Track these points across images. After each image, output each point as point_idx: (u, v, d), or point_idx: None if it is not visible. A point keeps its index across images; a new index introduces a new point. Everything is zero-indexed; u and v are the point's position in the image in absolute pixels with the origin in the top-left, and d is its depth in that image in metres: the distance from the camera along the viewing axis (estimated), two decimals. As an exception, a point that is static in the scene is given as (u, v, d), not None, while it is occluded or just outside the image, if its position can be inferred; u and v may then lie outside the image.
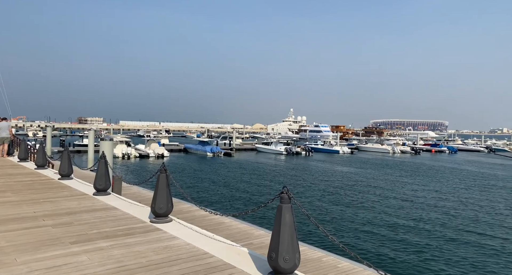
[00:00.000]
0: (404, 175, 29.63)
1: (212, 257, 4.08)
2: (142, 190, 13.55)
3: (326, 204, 17.26)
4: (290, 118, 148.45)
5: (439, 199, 19.35)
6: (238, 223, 8.92)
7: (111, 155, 11.59)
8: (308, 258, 6.62)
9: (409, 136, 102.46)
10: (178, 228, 5.19)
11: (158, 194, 5.43)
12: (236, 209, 15.99)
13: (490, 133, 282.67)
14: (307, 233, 11.65)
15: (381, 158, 48.42)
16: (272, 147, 52.34)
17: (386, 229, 12.98)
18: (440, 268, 9.38)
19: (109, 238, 4.59)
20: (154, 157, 40.63)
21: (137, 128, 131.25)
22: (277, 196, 3.70)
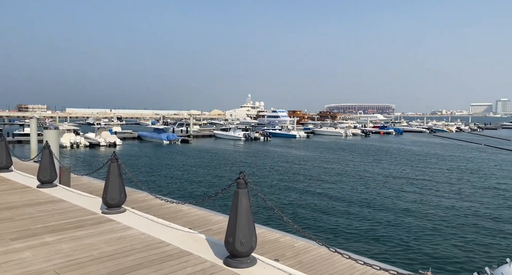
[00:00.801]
0: (355, 157, 31.25)
1: (168, 246, 4.02)
2: (94, 181, 12.88)
3: (283, 188, 17.74)
4: (248, 104, 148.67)
5: (387, 177, 20.74)
6: (196, 210, 8.86)
7: (56, 145, 10.80)
8: (266, 239, 6.79)
9: (360, 119, 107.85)
10: (132, 218, 5.03)
11: (109, 184, 5.19)
12: (195, 197, 15.87)
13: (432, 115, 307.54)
14: (267, 216, 11.93)
15: (334, 141, 50.54)
16: (230, 133, 52.25)
17: (339, 209, 13.69)
18: (391, 241, 10.13)
19: (56, 232, 4.33)
20: (106, 146, 38.71)
21: (86, 115, 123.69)
22: (234, 182, 3.70)
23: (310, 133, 62.15)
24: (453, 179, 20.40)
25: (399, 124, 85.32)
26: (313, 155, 32.74)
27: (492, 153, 32.86)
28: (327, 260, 5.83)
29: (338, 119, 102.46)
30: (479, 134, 11.52)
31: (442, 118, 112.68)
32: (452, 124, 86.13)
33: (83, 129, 45.60)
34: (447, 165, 26.31)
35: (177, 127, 57.18)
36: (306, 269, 5.50)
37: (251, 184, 3.64)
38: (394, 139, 55.20)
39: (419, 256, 9.10)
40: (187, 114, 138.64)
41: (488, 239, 10.38)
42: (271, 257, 5.78)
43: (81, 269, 3.34)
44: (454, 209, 13.73)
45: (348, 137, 58.64)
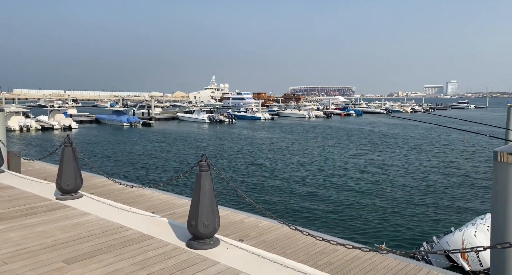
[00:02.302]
0: (318, 138, 32.14)
1: (128, 230, 3.92)
2: (47, 166, 12.15)
3: (248, 170, 17.90)
4: (213, 86, 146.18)
5: (347, 158, 21.62)
6: (159, 194, 8.70)
7: (2, 128, 9.98)
8: (231, 221, 6.86)
9: (323, 101, 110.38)
10: (90, 204, 4.82)
11: (63, 169, 4.91)
12: (158, 180, 15.56)
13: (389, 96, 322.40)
14: (234, 199, 12.02)
15: (298, 122, 51.52)
16: (194, 115, 51.34)
17: (301, 190, 14.12)
18: (349, 219, 10.67)
19: (3, 221, 4.04)
20: (60, 129, 36.53)
21: (37, 97, 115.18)
22: (196, 165, 3.64)
23: (274, 115, 62.75)
24: (406, 158, 21.70)
25: (359, 106, 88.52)
26: (278, 137, 33.20)
27: (442, 132, 35.31)
28: (289, 238, 6.03)
29: (302, 101, 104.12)
30: (432, 114, 12.66)
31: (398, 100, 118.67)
32: (407, 105, 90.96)
33: (34, 111, 42.57)
34: (401, 144, 27.90)
35: (138, 110, 55.14)
36: (269, 248, 5.66)
37: (214, 166, 3.60)
38: (354, 120, 57.33)
39: (374, 231, 9.70)
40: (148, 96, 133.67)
41: (436, 212, 11.27)
42: (235, 238, 5.86)
43: (33, 257, 3.17)
44: (405, 186, 14.69)
45: (311, 119, 59.99)
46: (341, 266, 4.76)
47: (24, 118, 35.83)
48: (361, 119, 61.78)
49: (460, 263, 6.21)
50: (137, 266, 3.10)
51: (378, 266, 4.70)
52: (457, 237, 6.47)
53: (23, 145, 26.15)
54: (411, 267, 4.67)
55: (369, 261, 4.85)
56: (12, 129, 33.38)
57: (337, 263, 4.84)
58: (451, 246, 6.44)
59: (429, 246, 7.17)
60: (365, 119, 59.96)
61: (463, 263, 6.18)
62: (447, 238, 6.71)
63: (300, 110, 65.93)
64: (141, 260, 3.22)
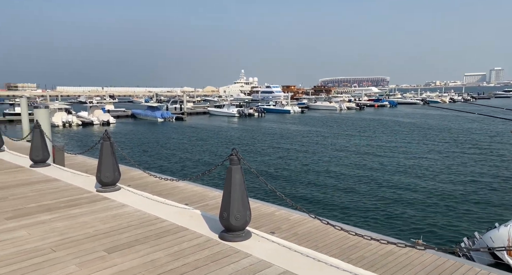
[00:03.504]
0: (349, 131, 31.40)
1: (164, 222, 4.06)
2: (88, 159, 12.84)
3: (278, 163, 17.88)
4: (242, 80, 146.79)
5: (382, 150, 20.95)
6: (192, 186, 8.93)
7: (48, 124, 10.64)
8: (262, 213, 6.91)
9: (355, 93, 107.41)
10: (128, 196, 5.04)
11: (103, 162, 5.16)
12: (191, 173, 15.96)
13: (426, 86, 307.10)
14: (264, 192, 12.09)
15: (329, 115, 50.56)
16: (224, 109, 51.90)
17: (333, 183, 13.90)
18: (384, 213, 10.38)
19: (50, 211, 4.33)
20: (99, 124, 38.38)
21: (78, 94, 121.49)
22: (227, 158, 3.68)
23: (304, 108, 61.97)
24: (446, 150, 20.67)
25: (394, 97, 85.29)
26: (307, 130, 32.81)
27: (486, 122, 33.20)
28: (321, 232, 5.97)
29: (333, 93, 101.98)
30: (473, 104, 11.64)
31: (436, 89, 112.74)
32: (446, 95, 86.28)
33: (75, 108, 44.96)
34: (441, 136, 26.59)
35: (170, 105, 56.58)
36: (301, 241, 5.64)
37: (244, 160, 3.63)
38: (388, 112, 55.35)
39: (410, 225, 9.37)
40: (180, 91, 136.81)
41: (477, 207, 10.67)
42: (266, 230, 5.90)
43: (77, 246, 3.37)
44: (444, 180, 14.02)
45: (342, 111, 58.65)
46: (375, 260, 4.65)
47: (67, 114, 37.95)
48: (396, 110, 59.53)
49: (506, 260, 5.87)
50: (173, 257, 3.21)
51: (415, 261, 4.55)
52: (503, 233, 6.10)
53: (66, 140, 27.79)
54: (450, 263, 4.47)
55: (404, 256, 4.70)
56: (56, 124, 35.45)
57: (370, 257, 4.74)
58: (495, 242, 6.09)
59: (470, 242, 6.83)
60: (401, 111, 57.69)
61: (509, 260, 5.83)
62: (491, 234, 6.35)
63: (331, 102, 64.60)
64: (176, 251, 3.33)
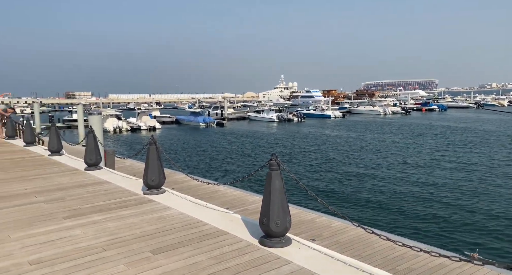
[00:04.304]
0: (395, 136, 30.03)
1: (205, 225, 4.15)
2: (136, 163, 13.55)
3: (318, 169, 17.57)
4: (281, 85, 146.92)
5: (431, 156, 19.77)
6: (233, 191, 9.07)
7: (100, 129, 11.42)
8: (302, 220, 6.82)
9: (400, 96, 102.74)
10: (172, 199, 5.23)
11: (149, 166, 5.41)
12: (231, 177, 16.21)
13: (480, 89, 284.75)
14: (304, 197, 11.94)
15: (372, 120, 48.80)
16: (264, 115, 52.21)
17: (376, 190, 13.35)
18: (434, 223, 9.77)
19: (102, 212, 4.62)
20: (146, 129, 40.41)
21: (127, 101, 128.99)
22: (266, 164, 3.69)
23: (346, 112, 60.43)
24: (506, 158, 19.01)
25: (443, 100, 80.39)
26: (349, 135, 31.92)
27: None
28: (364, 240, 5.75)
29: (376, 97, 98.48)
30: None
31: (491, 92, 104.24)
32: (503, 97, 79.52)
33: (124, 114, 47.80)
34: (499, 142, 24.51)
35: (212, 110, 58.06)
36: (343, 249, 5.47)
37: (283, 165, 3.61)
38: (437, 116, 52.21)
39: (464, 237, 8.71)
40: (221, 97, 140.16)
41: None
42: (307, 237, 5.81)
43: (126, 246, 3.56)
44: (504, 191, 12.87)
45: (387, 116, 56.36)
46: (424, 273, 4.38)
47: (117, 120, 40.45)
48: (445, 114, 56.00)
49: None
50: (214, 260, 3.27)
51: (469, 278, 4.21)
52: None
53: (116, 144, 29.57)
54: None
55: (458, 270, 4.38)
56: (107, 130, 37.88)
57: (419, 269, 4.47)
58: None
59: None
60: (451, 115, 54.15)
61: None
62: None
63: (375, 106, 62.40)
64: (218, 254, 3.39)
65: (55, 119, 45.79)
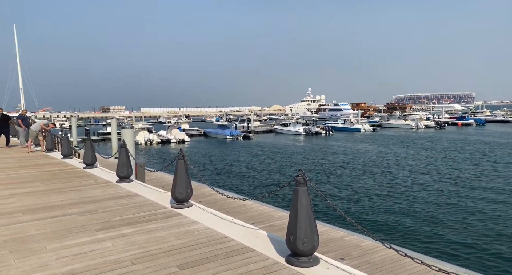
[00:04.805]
0: (428, 151, 28.82)
1: (231, 241, 4.13)
2: (165, 175, 13.86)
3: (347, 185, 17.12)
4: (308, 98, 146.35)
5: (468, 174, 18.73)
6: (259, 205, 9.01)
7: (132, 142, 11.83)
8: (330, 238, 6.62)
9: (434, 110, 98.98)
10: (198, 213, 5.27)
11: (177, 180, 5.50)
12: (257, 192, 16.15)
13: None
14: (331, 213, 11.64)
15: (404, 134, 47.22)
16: (290, 128, 52.03)
17: (408, 209, 12.78)
18: (473, 247, 9.17)
19: (131, 225, 4.73)
20: (175, 142, 41.40)
21: (158, 114, 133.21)
22: (293, 179, 3.64)
23: (376, 126, 58.96)
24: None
25: (481, 114, 76.53)
26: (380, 149, 31.00)
27: None
28: (396, 262, 5.49)
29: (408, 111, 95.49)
30: None
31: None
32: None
33: (155, 127, 49.34)
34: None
35: (239, 123, 58.70)
36: (374, 271, 5.24)
37: (311, 181, 3.55)
38: (474, 131, 49.67)
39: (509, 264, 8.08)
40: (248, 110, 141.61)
41: None
42: (335, 256, 5.62)
43: (154, 260, 3.60)
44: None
45: (419, 130, 54.38)
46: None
47: (148, 133, 41.81)
48: (483, 129, 53.20)
49: None
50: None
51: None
52: None
53: (147, 157, 30.46)
54: None
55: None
56: (139, 143, 39.19)
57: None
58: None
59: None
60: (490, 130, 51.34)
61: None
62: None
63: (406, 120, 60.49)
64: (243, 272, 3.34)
65: (91, 133, 48.20)
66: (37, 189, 6.98)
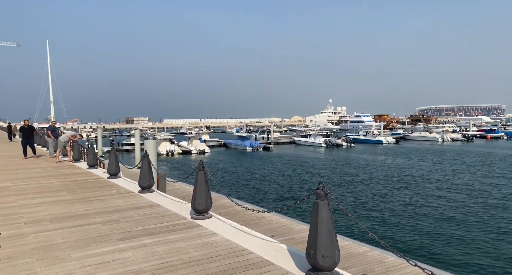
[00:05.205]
0: (457, 164, 27.75)
1: (251, 254, 4.09)
2: (186, 186, 14.01)
3: (369, 199, 16.69)
4: (329, 109, 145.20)
5: (498, 190, 17.85)
6: (279, 218, 8.91)
7: (154, 153, 12.07)
8: (352, 252, 6.44)
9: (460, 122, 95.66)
10: (218, 224, 5.28)
11: (197, 191, 5.55)
12: (277, 204, 16.00)
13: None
14: (352, 227, 11.35)
15: (429, 147, 45.79)
16: (311, 139, 51.62)
17: (434, 225, 12.27)
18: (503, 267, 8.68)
19: (152, 235, 4.78)
20: (196, 153, 41.90)
21: (180, 125, 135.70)
22: (313, 192, 3.60)
23: (399, 138, 57.57)
24: None
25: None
26: (404, 163, 30.14)
27: None
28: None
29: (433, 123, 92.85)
30: None
31: None
32: None
33: (177, 138, 50.21)
34: None
35: (259, 135, 58.82)
36: (397, 289, 5.03)
37: (332, 195, 3.49)
38: (505, 145, 47.51)
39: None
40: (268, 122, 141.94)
41: None
42: (357, 272, 5.45)
43: (174, 271, 3.61)
44: None
45: (445, 143, 52.59)
46: None
47: (170, 144, 42.58)
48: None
49: None
50: (258, 292, 3.17)
51: None
52: None
53: (168, 167, 30.95)
54: None
55: None
56: (160, 153, 39.93)
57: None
58: None
59: None
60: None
61: None
62: None
63: (431, 132, 58.74)
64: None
65: (115, 143, 49.59)
66: (64, 198, 7.21)
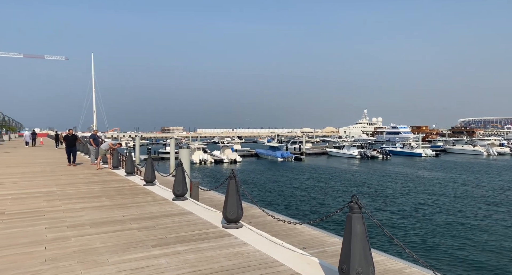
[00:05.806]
0: (504, 181, 25.82)
1: (281, 266, 4.04)
2: (218, 195, 14.18)
3: (407, 213, 15.91)
4: (364, 120, 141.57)
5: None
6: (310, 230, 8.74)
7: (188, 162, 12.37)
8: (388, 268, 6.16)
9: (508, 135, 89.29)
10: (249, 234, 5.27)
11: (228, 200, 5.59)
12: (308, 215, 15.71)
13: None
14: (388, 241, 10.86)
15: (473, 161, 43.09)
16: (344, 150, 50.47)
17: (478, 242, 11.43)
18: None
19: (185, 242, 4.87)
20: (228, 162, 42.39)
21: (213, 135, 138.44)
22: (346, 205, 3.51)
23: (440, 151, 54.78)
24: None
25: None
26: (445, 177, 28.56)
27: None
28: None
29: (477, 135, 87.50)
30: None
31: None
32: None
33: (210, 147, 51.16)
34: None
35: (290, 145, 58.49)
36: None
37: (366, 208, 3.38)
38: (560, 158, 43.58)
39: None
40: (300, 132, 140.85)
41: None
42: (393, 291, 5.18)
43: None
44: None
45: (491, 157, 49.26)
46: None
47: (203, 153, 43.47)
48: None
49: None
50: (289, 306, 3.11)
51: None
52: None
53: (201, 175, 31.52)
54: None
55: None
56: (194, 162, 40.84)
57: None
58: None
59: None
60: None
61: None
62: None
63: (475, 145, 55.36)
64: (292, 300, 3.23)
65: (151, 152, 51.46)
66: (103, 204, 7.56)
